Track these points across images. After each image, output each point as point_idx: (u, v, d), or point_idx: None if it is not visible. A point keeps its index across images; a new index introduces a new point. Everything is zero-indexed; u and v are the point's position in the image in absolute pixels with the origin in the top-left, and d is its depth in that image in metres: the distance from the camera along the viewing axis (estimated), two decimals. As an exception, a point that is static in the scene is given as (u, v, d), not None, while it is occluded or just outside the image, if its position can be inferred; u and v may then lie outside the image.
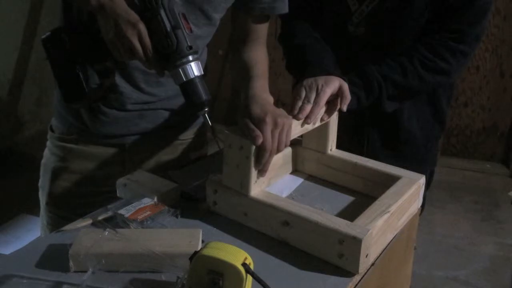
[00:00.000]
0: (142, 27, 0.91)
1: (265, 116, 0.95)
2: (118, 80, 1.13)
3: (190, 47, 0.94)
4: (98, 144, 1.22)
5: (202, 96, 0.97)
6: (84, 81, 0.99)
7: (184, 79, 0.95)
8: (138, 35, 0.91)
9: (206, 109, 0.99)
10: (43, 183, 1.28)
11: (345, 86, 1.11)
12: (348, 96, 1.11)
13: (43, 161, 1.29)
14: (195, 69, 0.95)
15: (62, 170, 1.24)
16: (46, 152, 1.28)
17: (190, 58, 0.94)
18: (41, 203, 1.30)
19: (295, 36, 1.35)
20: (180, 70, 0.94)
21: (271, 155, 0.96)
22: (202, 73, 0.98)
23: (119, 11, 0.90)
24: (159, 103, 1.21)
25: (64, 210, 1.24)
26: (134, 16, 0.91)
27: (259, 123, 0.95)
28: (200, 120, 1.34)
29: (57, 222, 1.23)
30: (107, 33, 0.92)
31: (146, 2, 0.92)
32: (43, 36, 0.99)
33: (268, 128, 0.95)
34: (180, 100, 1.22)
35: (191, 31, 0.96)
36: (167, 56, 0.94)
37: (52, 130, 1.27)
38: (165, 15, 0.92)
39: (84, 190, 1.23)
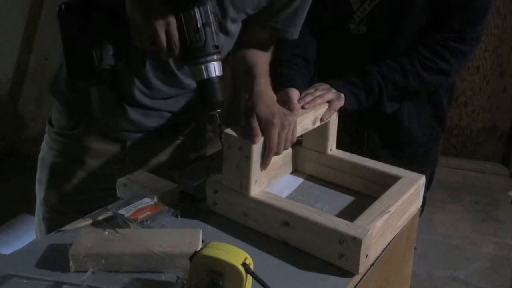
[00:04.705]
0: (171, 18, 0.90)
1: (273, 118, 0.95)
2: (129, 75, 1.12)
3: (217, 47, 0.94)
4: (99, 139, 1.21)
5: (218, 96, 0.97)
6: (97, 60, 0.96)
7: (205, 77, 0.95)
8: (166, 25, 0.90)
9: (219, 110, 0.99)
10: (41, 177, 1.27)
11: (338, 103, 1.12)
12: (333, 110, 1.11)
13: (40, 154, 1.27)
14: (217, 68, 0.95)
15: (61, 165, 1.23)
16: (44, 146, 1.27)
17: (215, 57, 0.94)
18: (37, 197, 1.29)
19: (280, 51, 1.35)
20: (203, 66, 0.94)
21: (275, 155, 0.97)
22: (222, 74, 0.98)
23: None
24: (166, 101, 1.20)
25: (61, 205, 1.23)
26: (165, 6, 0.90)
27: (267, 124, 0.95)
28: (200, 120, 1.34)
29: (53, 217, 1.22)
30: (133, 15, 0.91)
31: None
32: (62, 6, 0.95)
33: (276, 130, 0.95)
34: (184, 101, 1.22)
35: (218, 31, 0.96)
36: (192, 51, 0.93)
37: (51, 125, 1.26)
38: (198, 11, 0.92)
39: (83, 185, 1.23)
